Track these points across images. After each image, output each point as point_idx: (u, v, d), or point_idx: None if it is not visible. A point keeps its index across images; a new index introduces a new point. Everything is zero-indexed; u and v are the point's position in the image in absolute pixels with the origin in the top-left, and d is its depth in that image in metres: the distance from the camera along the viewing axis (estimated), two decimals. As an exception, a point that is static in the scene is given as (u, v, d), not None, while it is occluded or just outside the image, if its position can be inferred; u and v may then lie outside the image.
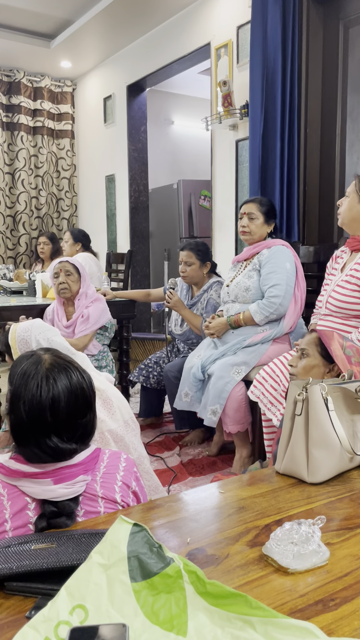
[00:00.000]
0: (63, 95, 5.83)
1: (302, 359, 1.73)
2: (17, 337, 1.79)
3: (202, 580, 0.75)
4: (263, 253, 2.71)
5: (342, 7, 3.17)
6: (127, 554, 0.77)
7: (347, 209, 2.26)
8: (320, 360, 1.68)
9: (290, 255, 2.69)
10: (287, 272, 2.61)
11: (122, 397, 1.94)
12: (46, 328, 1.84)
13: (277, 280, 2.60)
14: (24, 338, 1.78)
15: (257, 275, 2.68)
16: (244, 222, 2.77)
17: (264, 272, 2.65)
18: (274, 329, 2.65)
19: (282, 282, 2.59)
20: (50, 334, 1.82)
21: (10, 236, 5.68)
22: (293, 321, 2.68)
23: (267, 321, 2.63)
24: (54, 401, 1.07)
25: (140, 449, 1.93)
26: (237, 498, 1.12)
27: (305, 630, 0.69)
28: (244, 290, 2.69)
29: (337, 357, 1.61)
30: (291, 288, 2.63)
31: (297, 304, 2.68)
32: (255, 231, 2.76)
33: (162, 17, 4.35)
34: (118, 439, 1.85)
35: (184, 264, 3.09)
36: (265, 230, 2.78)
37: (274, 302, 2.58)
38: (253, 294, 2.67)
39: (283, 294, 2.58)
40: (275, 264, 2.63)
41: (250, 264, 2.75)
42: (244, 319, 2.65)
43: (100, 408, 1.83)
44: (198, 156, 6.18)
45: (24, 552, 0.86)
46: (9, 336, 1.80)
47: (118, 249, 5.38)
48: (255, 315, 2.62)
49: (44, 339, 1.78)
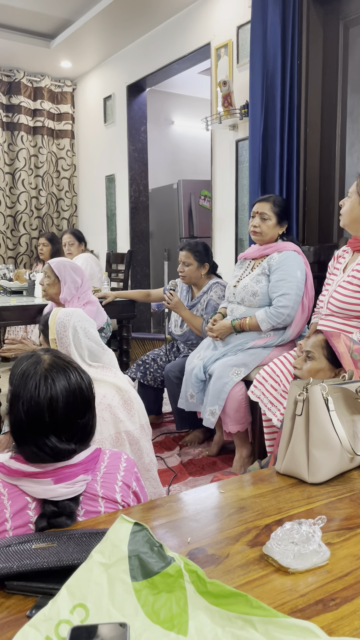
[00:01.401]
0: (63, 95, 5.83)
1: (307, 361, 1.71)
2: (57, 319, 1.84)
3: (203, 579, 0.75)
4: (273, 257, 2.63)
5: (342, 7, 3.17)
6: (127, 553, 0.77)
7: (349, 209, 2.26)
8: (327, 364, 1.66)
9: (302, 262, 2.62)
10: (297, 280, 2.55)
11: (141, 401, 1.95)
12: (85, 318, 1.89)
13: (286, 290, 2.53)
14: (62, 321, 1.83)
15: (265, 280, 2.62)
16: (255, 222, 2.68)
17: (273, 278, 2.58)
18: (279, 336, 2.62)
19: (292, 291, 2.53)
20: (87, 324, 1.87)
21: (10, 236, 5.68)
22: (299, 329, 2.63)
23: (273, 329, 2.62)
24: (51, 401, 1.07)
25: (151, 454, 1.94)
26: (237, 498, 1.12)
27: (306, 629, 0.69)
28: (251, 294, 2.63)
29: (343, 356, 1.60)
30: (300, 297, 2.56)
31: (304, 313, 2.61)
32: (266, 232, 2.68)
33: (162, 17, 4.35)
34: (134, 441, 1.86)
35: (182, 264, 3.09)
36: (277, 232, 2.70)
37: (282, 312, 2.53)
38: (260, 300, 2.61)
39: (292, 304, 2.52)
40: (285, 271, 2.56)
41: (259, 267, 2.68)
42: (250, 325, 2.61)
43: (121, 408, 1.85)
44: (198, 156, 6.18)
45: (25, 552, 0.86)
46: (50, 317, 1.87)
47: (118, 249, 5.38)
48: (262, 323, 2.57)
49: (81, 328, 1.84)
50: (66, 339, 1.81)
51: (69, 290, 2.84)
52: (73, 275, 2.86)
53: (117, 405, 1.84)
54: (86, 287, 2.93)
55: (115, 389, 1.87)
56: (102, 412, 1.79)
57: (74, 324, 1.83)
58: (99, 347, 1.89)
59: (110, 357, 1.95)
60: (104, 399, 1.81)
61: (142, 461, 1.89)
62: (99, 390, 1.38)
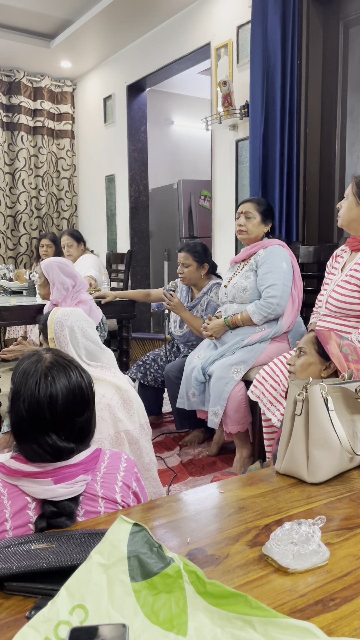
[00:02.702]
0: (63, 95, 5.83)
1: (299, 357, 1.77)
2: (55, 319, 1.85)
3: (202, 580, 0.75)
4: (259, 253, 2.71)
5: (342, 7, 3.17)
6: (127, 554, 0.77)
7: (346, 211, 2.27)
8: (317, 357, 1.71)
9: (286, 254, 2.69)
10: (283, 272, 2.62)
11: (140, 401, 1.96)
12: (84, 318, 1.90)
13: (273, 281, 2.60)
14: (60, 321, 1.84)
15: (254, 275, 2.69)
16: (241, 221, 2.77)
17: (260, 272, 2.66)
18: (272, 328, 2.65)
19: (279, 282, 2.60)
20: (86, 324, 1.88)
21: (10, 236, 5.68)
22: (291, 320, 2.69)
23: (265, 321, 2.64)
24: (51, 399, 1.08)
25: (151, 454, 1.95)
26: (237, 498, 1.12)
27: (305, 630, 0.69)
28: (241, 290, 2.70)
29: (333, 354, 1.63)
30: (288, 288, 2.63)
31: (294, 304, 2.68)
32: (252, 230, 2.76)
33: (162, 17, 4.35)
34: (133, 441, 1.86)
35: (181, 265, 3.09)
36: (262, 230, 2.78)
37: (272, 302, 2.59)
38: (250, 294, 2.67)
39: (280, 294, 2.59)
40: (271, 264, 2.64)
41: (247, 265, 2.75)
42: (242, 320, 2.66)
43: (120, 408, 1.85)
44: (198, 156, 6.18)
45: (24, 552, 0.86)
46: (49, 317, 1.88)
47: (118, 249, 5.38)
48: (253, 315, 2.62)
49: (78, 327, 1.85)
50: (63, 338, 1.82)
51: (58, 292, 2.80)
52: (62, 277, 2.80)
53: (117, 404, 1.84)
54: (80, 287, 2.87)
55: (114, 388, 1.87)
56: (101, 412, 1.79)
57: (71, 324, 1.84)
58: (97, 346, 1.90)
59: (109, 357, 1.96)
60: (103, 399, 1.81)
61: (142, 461, 1.89)
62: (98, 390, 1.38)
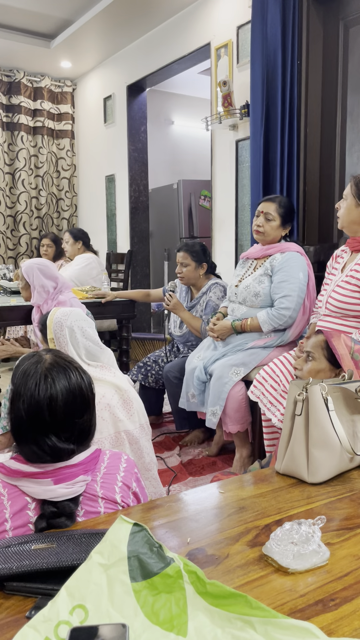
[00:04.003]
0: (63, 95, 5.83)
1: (307, 362, 1.71)
2: (54, 319, 1.85)
3: (202, 580, 0.75)
4: (276, 257, 2.62)
5: (342, 7, 3.17)
6: (127, 554, 0.77)
7: (345, 212, 2.26)
8: (327, 364, 1.66)
9: (304, 263, 2.61)
10: (299, 282, 2.54)
11: (140, 401, 1.95)
12: (83, 318, 1.89)
13: (289, 291, 2.53)
14: (60, 321, 1.84)
15: (268, 281, 2.61)
16: (259, 221, 2.67)
17: (275, 279, 2.57)
18: (279, 337, 2.62)
19: (294, 293, 2.52)
20: (85, 324, 1.87)
21: (10, 236, 5.68)
22: (299, 331, 2.63)
23: (274, 330, 2.61)
24: (51, 400, 1.08)
25: (152, 454, 1.94)
26: (237, 498, 1.12)
27: (305, 630, 0.69)
28: (253, 295, 2.63)
29: (342, 357, 1.59)
30: (302, 299, 2.55)
31: (305, 314, 2.61)
32: (269, 233, 2.66)
33: (162, 17, 4.35)
34: (133, 440, 1.86)
35: (180, 265, 3.09)
36: (280, 234, 2.68)
37: (284, 314, 2.53)
38: (262, 300, 2.61)
39: (294, 306, 2.52)
40: (288, 272, 2.55)
41: (261, 267, 2.67)
42: (251, 326, 2.61)
43: (120, 407, 1.85)
44: (198, 156, 6.18)
45: (24, 552, 0.86)
46: (49, 317, 1.88)
47: (118, 249, 5.38)
48: (263, 325, 2.57)
49: (78, 327, 1.85)
50: (63, 338, 1.81)
51: (39, 295, 2.79)
52: (42, 279, 2.78)
53: (117, 404, 1.84)
54: (62, 288, 2.84)
55: (114, 388, 1.87)
56: (101, 412, 1.79)
57: (70, 324, 1.83)
58: (97, 346, 1.90)
59: (109, 357, 1.96)
60: (103, 399, 1.81)
61: (142, 461, 1.89)
62: (98, 390, 1.38)
